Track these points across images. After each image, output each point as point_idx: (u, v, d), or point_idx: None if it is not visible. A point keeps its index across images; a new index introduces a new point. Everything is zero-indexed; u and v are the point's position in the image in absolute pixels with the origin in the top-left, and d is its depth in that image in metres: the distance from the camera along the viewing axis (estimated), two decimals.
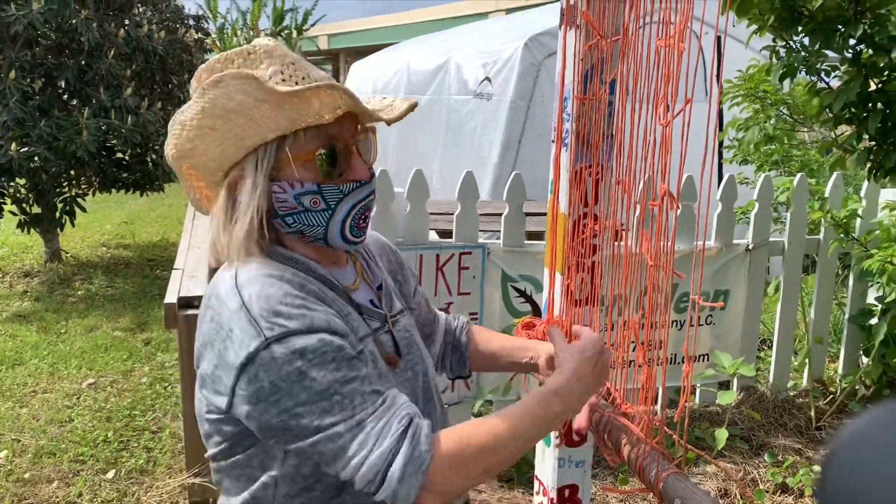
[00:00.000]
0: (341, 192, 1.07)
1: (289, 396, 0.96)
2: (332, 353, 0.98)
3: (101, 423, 3.61)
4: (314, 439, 0.97)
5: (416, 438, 0.98)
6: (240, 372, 0.97)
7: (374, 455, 0.97)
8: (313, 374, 0.96)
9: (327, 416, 0.97)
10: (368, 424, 0.98)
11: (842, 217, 3.35)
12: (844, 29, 2.10)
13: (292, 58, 1.07)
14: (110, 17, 6.05)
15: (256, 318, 0.97)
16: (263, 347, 0.96)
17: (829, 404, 3.63)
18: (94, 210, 8.22)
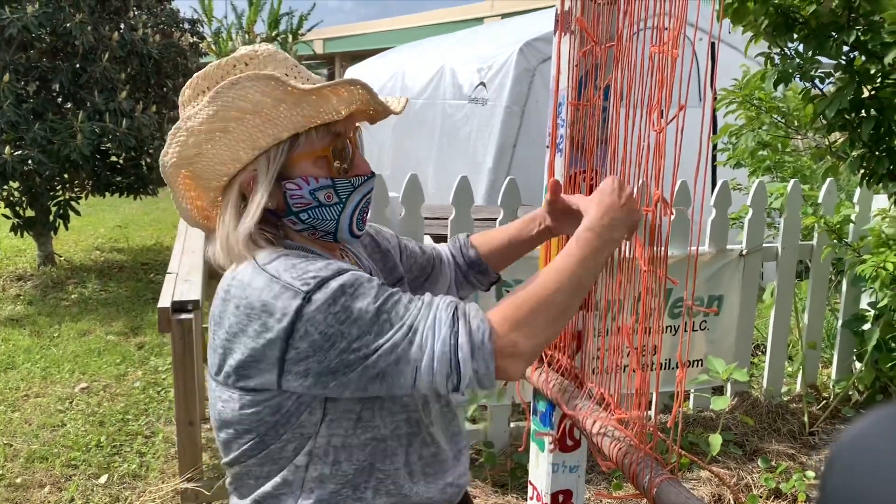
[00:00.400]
0: (352, 185, 1.12)
1: (342, 337, 0.99)
2: (365, 284, 1.02)
3: (94, 428, 3.59)
4: (374, 358, 0.99)
5: (467, 315, 1.02)
6: (288, 336, 0.99)
7: (437, 347, 0.99)
8: (357, 305, 1.00)
9: (381, 337, 1.00)
10: (419, 324, 1.01)
11: (835, 223, 3.36)
12: (838, 35, 2.11)
13: (293, 61, 1.11)
14: (105, 21, 6.04)
15: (290, 282, 1.01)
16: (306, 301, 0.99)
17: (822, 410, 3.64)
18: (88, 213, 8.20)
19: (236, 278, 1.06)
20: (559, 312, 1.06)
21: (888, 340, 3.54)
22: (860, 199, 3.66)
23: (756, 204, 3.51)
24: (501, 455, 3.17)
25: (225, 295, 1.07)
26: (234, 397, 1.07)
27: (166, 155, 1.10)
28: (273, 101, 1.03)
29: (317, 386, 1.03)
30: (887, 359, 3.54)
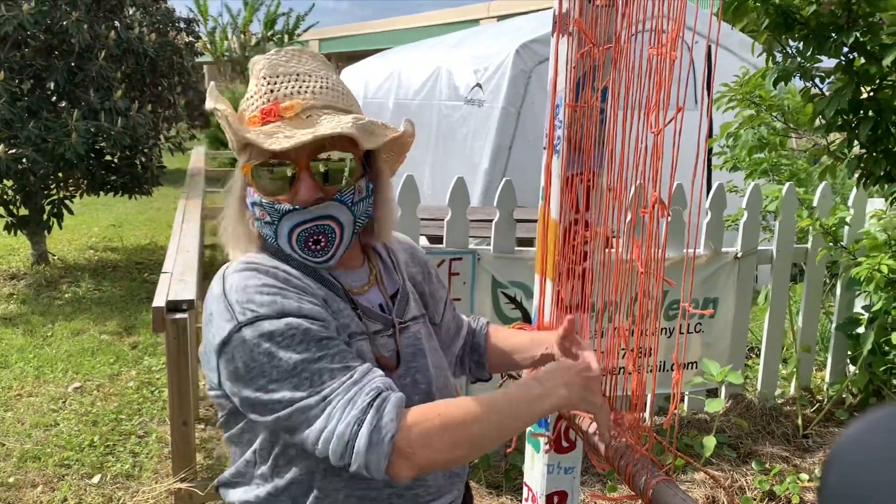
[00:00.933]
0: (277, 211, 1.10)
1: (261, 374, 1.03)
2: (299, 336, 1.04)
3: (87, 428, 3.58)
4: (286, 412, 1.03)
5: (382, 409, 1.02)
6: (219, 352, 1.06)
7: (341, 426, 1.00)
8: (280, 355, 1.03)
9: (297, 389, 1.02)
10: (336, 398, 1.02)
11: (830, 225, 3.37)
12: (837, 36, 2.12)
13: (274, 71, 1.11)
14: (101, 19, 6.02)
15: (232, 305, 1.06)
16: (236, 331, 1.04)
17: (816, 412, 3.65)
18: (82, 212, 8.17)
19: (216, 277, 1.13)
20: (469, 443, 1.05)
21: (882, 344, 3.55)
22: (855, 201, 3.67)
23: (751, 207, 3.52)
24: (496, 456, 3.17)
25: (212, 285, 1.14)
26: (206, 376, 1.16)
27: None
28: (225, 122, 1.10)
29: (240, 407, 1.08)
30: (881, 362, 3.55)
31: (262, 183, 1.10)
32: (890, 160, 2.18)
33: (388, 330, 1.20)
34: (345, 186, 1.11)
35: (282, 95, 1.10)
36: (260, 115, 1.09)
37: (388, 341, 1.19)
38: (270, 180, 1.10)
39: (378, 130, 1.14)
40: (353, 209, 1.13)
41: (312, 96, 1.10)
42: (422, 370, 1.21)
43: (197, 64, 7.48)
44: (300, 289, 1.09)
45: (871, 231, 3.29)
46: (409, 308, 1.26)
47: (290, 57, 1.13)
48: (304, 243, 1.11)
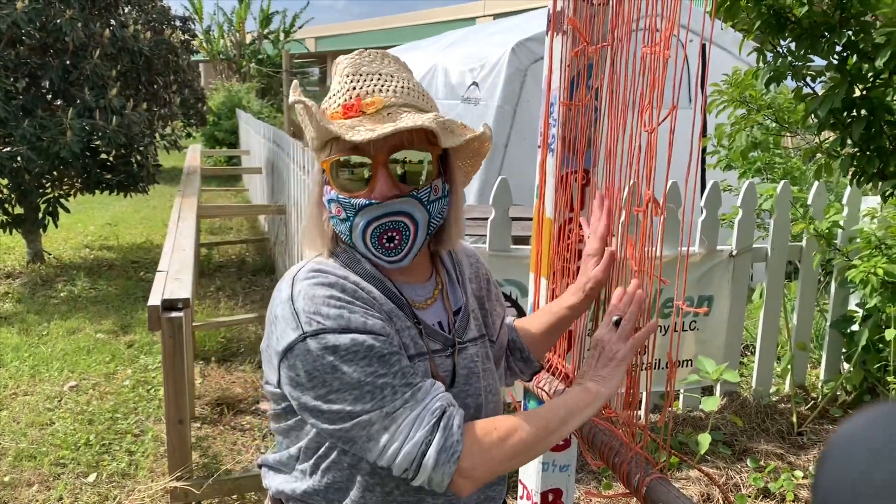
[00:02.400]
0: (353, 206, 1.11)
1: (322, 384, 1.05)
2: (363, 352, 1.05)
3: (83, 427, 3.57)
4: (347, 426, 1.05)
5: (449, 428, 1.05)
6: (281, 357, 1.07)
7: (409, 445, 1.03)
8: (345, 369, 1.04)
9: (359, 403, 1.04)
10: (401, 416, 1.05)
11: (823, 229, 3.38)
12: (830, 36, 2.12)
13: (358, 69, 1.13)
14: (95, 17, 6.01)
15: (298, 312, 1.06)
16: (300, 340, 1.05)
17: (810, 410, 3.66)
18: (78, 211, 8.16)
19: (286, 275, 1.14)
20: (525, 452, 1.10)
21: (876, 341, 3.56)
22: (849, 200, 3.68)
23: (746, 205, 3.53)
24: None
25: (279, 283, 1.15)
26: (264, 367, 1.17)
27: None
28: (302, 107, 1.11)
29: (298, 411, 1.10)
30: (875, 359, 3.56)
31: (340, 179, 1.12)
32: (883, 158, 2.19)
33: (446, 350, 1.19)
34: (422, 185, 1.12)
35: (364, 93, 1.11)
36: (342, 111, 1.10)
37: (446, 361, 1.19)
38: (349, 176, 1.11)
39: (457, 130, 1.16)
40: (429, 207, 1.13)
41: (394, 95, 1.12)
42: (473, 394, 1.21)
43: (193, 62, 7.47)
44: (367, 302, 1.10)
45: (865, 230, 3.30)
46: (469, 328, 1.25)
47: (373, 58, 1.15)
48: (377, 240, 1.12)
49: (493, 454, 1.06)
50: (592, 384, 1.17)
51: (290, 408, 1.13)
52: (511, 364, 1.45)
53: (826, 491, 0.45)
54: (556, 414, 1.12)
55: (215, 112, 13.18)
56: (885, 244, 2.98)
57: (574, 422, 1.13)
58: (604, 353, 1.21)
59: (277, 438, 1.22)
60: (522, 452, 1.09)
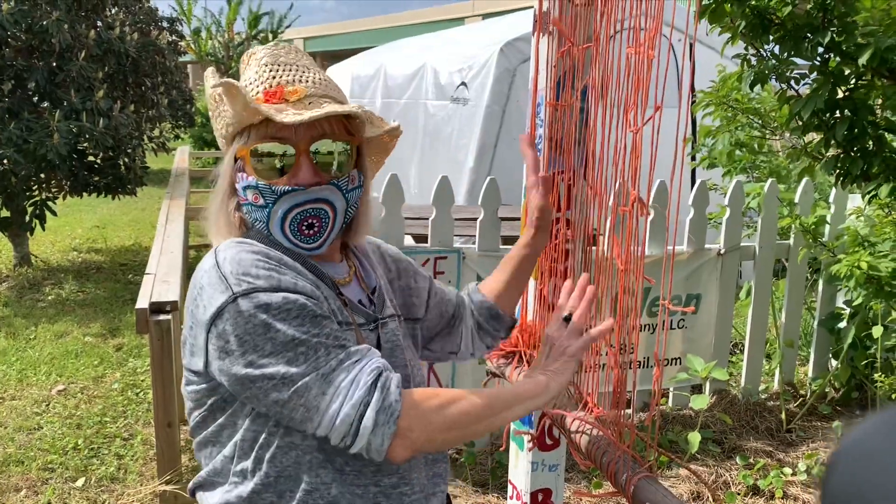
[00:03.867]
0: (274, 192, 1.11)
1: (254, 349, 1.02)
2: (296, 310, 1.03)
3: (71, 431, 3.55)
4: (284, 396, 1.02)
5: (387, 388, 1.03)
6: (209, 326, 1.04)
7: (347, 407, 1.01)
8: (277, 327, 1.02)
9: (293, 365, 1.02)
10: (337, 378, 1.03)
11: (810, 224, 3.40)
12: (813, 37, 2.14)
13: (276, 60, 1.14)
14: (82, 19, 5.98)
15: (226, 276, 1.05)
16: (231, 301, 1.03)
17: (799, 407, 3.69)
18: (65, 214, 8.11)
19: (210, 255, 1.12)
20: (463, 424, 1.08)
21: (863, 338, 3.59)
22: (835, 198, 3.71)
23: (734, 204, 3.55)
24: (482, 454, 3.18)
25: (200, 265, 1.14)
26: (185, 370, 1.14)
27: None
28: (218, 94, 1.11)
29: (231, 387, 1.07)
30: (862, 356, 3.59)
31: (260, 165, 1.11)
32: (866, 159, 2.20)
33: (369, 324, 1.20)
34: (342, 174, 1.14)
35: (285, 81, 1.12)
36: (263, 97, 1.11)
37: (371, 335, 1.20)
38: (269, 163, 1.11)
39: (376, 121, 1.19)
40: (347, 196, 1.15)
41: (314, 85, 1.13)
42: (399, 365, 1.22)
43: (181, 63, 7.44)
44: (292, 268, 1.10)
45: (851, 226, 3.33)
46: (385, 306, 1.26)
47: (289, 50, 1.17)
48: (297, 227, 1.12)
49: (431, 419, 1.05)
50: (542, 377, 1.18)
51: (217, 403, 1.11)
52: (482, 325, 1.46)
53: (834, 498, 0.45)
54: (502, 397, 1.13)
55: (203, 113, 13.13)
56: (869, 241, 3.01)
57: (519, 409, 1.13)
58: (555, 348, 1.21)
59: (205, 452, 1.17)
60: (462, 425, 1.08)
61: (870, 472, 0.43)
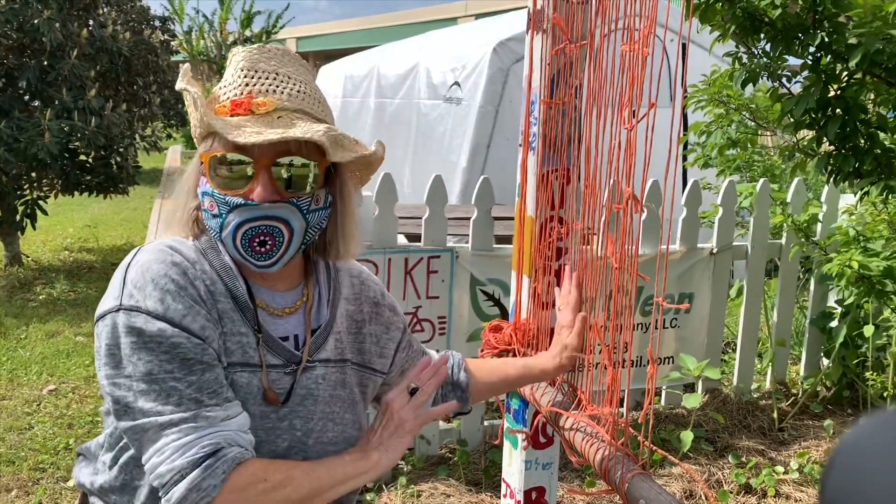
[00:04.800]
0: (227, 204, 1.07)
1: (116, 364, 1.03)
2: (165, 346, 1.01)
3: (63, 431, 3.54)
4: (125, 424, 1.02)
5: (212, 468, 1.00)
6: (95, 322, 1.06)
7: (164, 468, 1.00)
8: (141, 355, 1.01)
9: (140, 399, 1.01)
10: (171, 436, 1.01)
11: (802, 221, 3.41)
12: (804, 37, 2.14)
13: (249, 64, 1.10)
14: (73, 18, 5.95)
15: (125, 283, 1.05)
16: (114, 310, 1.03)
17: (791, 406, 3.70)
18: (57, 213, 8.07)
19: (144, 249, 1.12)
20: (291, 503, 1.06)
21: (854, 337, 3.60)
22: (827, 197, 3.72)
23: (726, 203, 3.56)
24: (475, 453, 3.18)
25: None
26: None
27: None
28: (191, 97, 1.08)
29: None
30: (854, 355, 3.60)
31: (218, 175, 1.07)
32: (858, 157, 2.21)
33: (287, 367, 1.13)
34: (304, 194, 1.09)
35: (256, 91, 1.08)
36: (230, 106, 1.07)
37: (284, 378, 1.13)
38: (227, 173, 1.07)
39: (349, 145, 1.12)
40: (308, 217, 1.10)
41: (288, 98, 1.08)
42: (305, 416, 1.14)
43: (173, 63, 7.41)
44: (199, 299, 1.06)
45: (842, 226, 3.34)
46: (324, 348, 1.18)
47: (272, 55, 1.11)
48: (248, 243, 1.07)
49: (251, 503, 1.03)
50: (375, 453, 1.15)
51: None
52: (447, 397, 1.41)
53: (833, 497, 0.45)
54: (333, 476, 1.10)
55: None
56: (863, 237, 3.02)
57: (345, 487, 1.11)
58: (392, 420, 1.18)
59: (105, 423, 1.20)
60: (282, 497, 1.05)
61: (869, 471, 0.43)
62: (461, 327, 3.14)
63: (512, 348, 1.66)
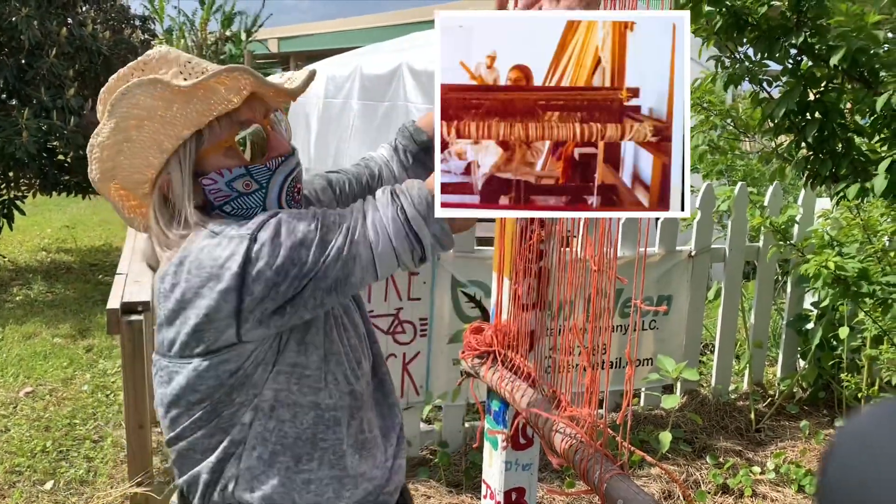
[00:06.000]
0: (269, 169, 1.13)
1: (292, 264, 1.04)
2: (297, 214, 1.08)
3: (39, 433, 3.50)
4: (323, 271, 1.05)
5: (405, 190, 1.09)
6: (241, 281, 1.02)
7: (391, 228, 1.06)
8: (300, 228, 1.05)
9: (325, 249, 1.05)
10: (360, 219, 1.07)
11: (780, 223, 3.45)
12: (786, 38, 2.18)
13: (187, 57, 1.11)
14: (52, 16, 5.89)
15: (233, 234, 1.06)
16: (252, 241, 1.04)
17: (768, 407, 3.74)
18: (34, 213, 7.98)
19: (188, 248, 1.09)
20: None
21: (830, 339, 3.65)
22: (804, 201, 3.77)
23: (704, 206, 3.59)
24: (456, 455, 3.18)
25: (178, 265, 1.09)
26: (191, 366, 1.09)
27: (91, 172, 1.13)
28: (164, 103, 1.05)
29: (276, 319, 1.06)
30: (829, 357, 3.65)
31: (245, 152, 1.13)
32: (835, 161, 2.25)
33: None
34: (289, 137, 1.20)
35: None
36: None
37: None
38: (251, 147, 1.13)
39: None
40: None
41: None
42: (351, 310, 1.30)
43: None
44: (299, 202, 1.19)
45: (819, 230, 3.39)
46: None
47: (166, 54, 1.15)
48: (291, 194, 1.16)
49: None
50: None
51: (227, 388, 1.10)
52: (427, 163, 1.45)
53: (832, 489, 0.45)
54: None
55: None
56: (837, 241, 3.07)
57: None
58: None
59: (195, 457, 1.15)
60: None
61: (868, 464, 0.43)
62: (442, 329, 3.14)
63: (493, 350, 1.67)
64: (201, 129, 1.09)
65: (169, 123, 1.06)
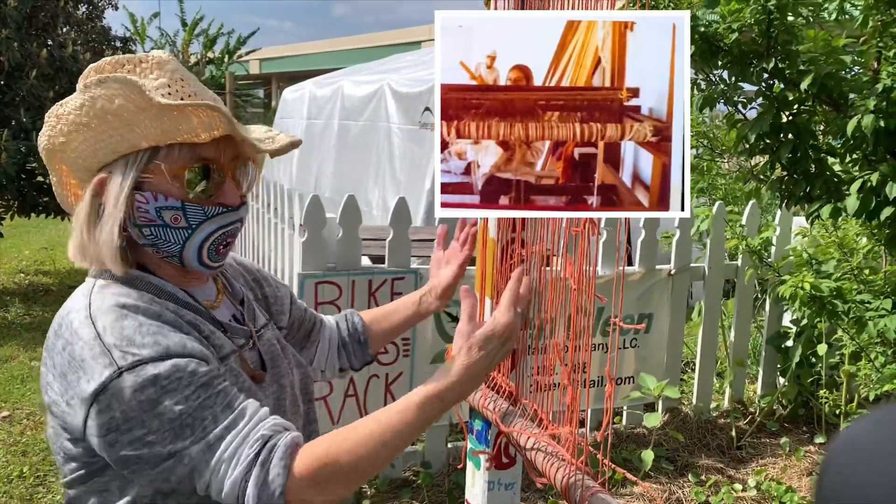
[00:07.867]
0: (205, 213, 1.08)
1: (140, 425, 0.97)
2: (186, 378, 0.99)
3: (16, 458, 3.45)
4: (169, 464, 0.98)
5: (268, 464, 0.98)
6: (91, 401, 0.97)
7: (227, 485, 0.98)
8: (165, 402, 0.98)
9: (179, 440, 0.98)
10: (220, 448, 0.99)
11: (756, 245, 3.50)
12: (757, 63, 2.23)
13: (182, 73, 1.06)
14: (32, 37, 5.88)
15: (110, 349, 0.99)
16: (116, 376, 0.97)
17: (749, 424, 3.77)
18: (12, 235, 7.89)
19: (69, 316, 1.05)
20: (362, 477, 1.05)
21: (809, 356, 3.69)
22: (781, 220, 3.82)
23: (683, 225, 3.63)
24: (439, 475, 3.17)
25: (58, 329, 1.06)
26: (55, 427, 1.07)
27: (41, 136, 1.10)
28: (136, 109, 1.01)
29: (114, 465, 1.01)
30: (808, 374, 3.69)
31: (189, 187, 1.06)
32: (809, 181, 2.30)
33: (248, 343, 1.20)
34: (247, 191, 1.15)
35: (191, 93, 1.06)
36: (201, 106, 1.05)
37: (252, 353, 1.20)
38: (199, 185, 1.07)
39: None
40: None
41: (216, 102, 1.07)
42: (285, 373, 1.23)
43: None
44: (173, 324, 1.05)
45: (797, 248, 3.43)
46: (257, 315, 1.27)
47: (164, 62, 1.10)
48: (216, 248, 1.10)
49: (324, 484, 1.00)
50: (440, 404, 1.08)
51: (99, 465, 1.04)
52: (348, 346, 1.49)
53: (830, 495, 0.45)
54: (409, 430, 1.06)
55: None
56: (816, 260, 3.11)
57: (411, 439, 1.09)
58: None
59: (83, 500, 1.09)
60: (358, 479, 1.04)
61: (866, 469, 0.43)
62: (425, 349, 3.14)
63: None
64: (159, 147, 1.05)
65: (130, 129, 1.03)
